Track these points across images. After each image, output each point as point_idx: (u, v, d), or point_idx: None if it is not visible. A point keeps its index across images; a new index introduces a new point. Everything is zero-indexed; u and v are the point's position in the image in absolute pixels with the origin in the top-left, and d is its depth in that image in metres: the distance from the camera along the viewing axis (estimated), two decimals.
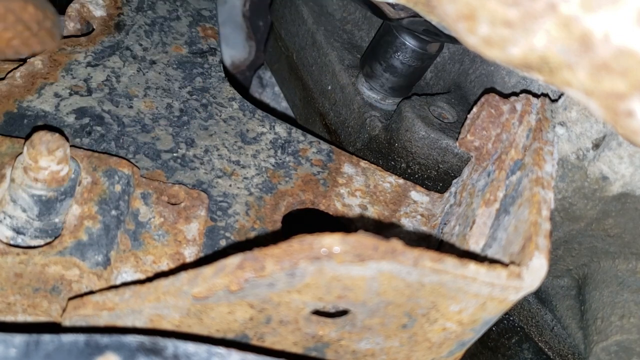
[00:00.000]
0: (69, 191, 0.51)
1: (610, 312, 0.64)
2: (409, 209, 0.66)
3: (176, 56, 0.74)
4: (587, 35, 0.36)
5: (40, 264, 0.49)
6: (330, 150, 0.69)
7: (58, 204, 0.50)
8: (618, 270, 0.65)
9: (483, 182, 0.58)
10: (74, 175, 0.52)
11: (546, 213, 0.47)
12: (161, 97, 0.69)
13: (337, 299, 0.43)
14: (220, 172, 0.64)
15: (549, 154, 0.53)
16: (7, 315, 0.51)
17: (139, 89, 0.69)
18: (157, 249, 0.55)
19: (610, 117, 0.39)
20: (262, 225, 0.61)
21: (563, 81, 0.39)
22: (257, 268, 0.40)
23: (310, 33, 0.85)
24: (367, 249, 0.39)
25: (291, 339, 0.48)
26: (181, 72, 0.72)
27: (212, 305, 0.44)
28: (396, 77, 0.77)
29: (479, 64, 0.75)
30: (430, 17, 0.52)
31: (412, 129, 0.71)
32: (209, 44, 0.76)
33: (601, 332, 0.64)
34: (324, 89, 0.84)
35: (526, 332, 0.73)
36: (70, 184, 0.51)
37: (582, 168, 0.60)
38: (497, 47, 0.39)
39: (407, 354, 0.50)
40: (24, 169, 0.49)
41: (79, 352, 0.40)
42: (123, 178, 0.55)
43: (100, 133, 0.63)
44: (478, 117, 0.60)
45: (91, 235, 0.51)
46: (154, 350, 0.41)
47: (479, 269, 0.42)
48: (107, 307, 0.46)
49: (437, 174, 0.72)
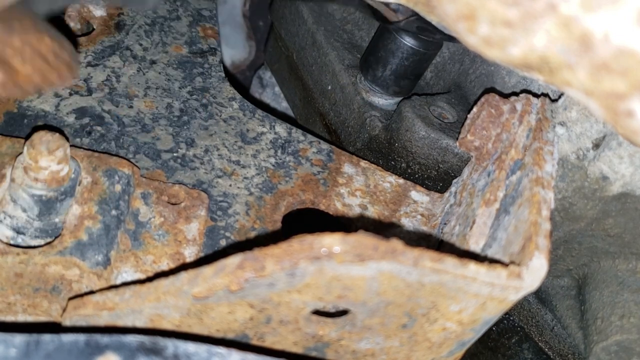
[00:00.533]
0: (69, 191, 0.51)
1: (610, 312, 0.64)
2: (409, 209, 0.66)
3: (176, 56, 0.74)
4: (587, 35, 0.36)
5: (40, 264, 0.49)
6: (331, 150, 0.69)
7: (58, 204, 0.50)
8: (618, 270, 0.65)
9: (483, 182, 0.58)
10: (74, 175, 0.52)
11: (546, 213, 0.47)
12: (161, 97, 0.69)
13: (337, 298, 0.43)
14: (221, 172, 0.64)
15: (549, 154, 0.53)
16: (7, 315, 0.51)
17: (139, 89, 0.69)
18: (157, 249, 0.55)
19: (610, 117, 0.39)
20: (262, 225, 0.61)
21: (563, 81, 0.39)
22: (257, 268, 0.40)
23: (310, 33, 0.85)
24: (367, 249, 0.39)
25: (291, 338, 0.48)
26: (181, 72, 0.72)
27: (212, 305, 0.44)
28: (396, 76, 0.77)
29: (479, 64, 0.75)
30: (430, 17, 0.52)
31: (412, 129, 0.71)
32: (209, 44, 0.76)
33: (601, 332, 0.64)
34: (324, 89, 0.84)
35: (526, 332, 0.73)
36: (71, 183, 0.51)
37: (582, 168, 0.60)
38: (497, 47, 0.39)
39: (407, 353, 0.50)
40: (24, 168, 0.49)
41: (79, 352, 0.40)
42: (123, 178, 0.55)
43: (101, 133, 0.63)
44: (478, 117, 0.60)
45: (91, 235, 0.51)
46: (154, 350, 0.41)
47: (479, 269, 0.42)
48: (107, 307, 0.46)
49: (437, 173, 0.72)
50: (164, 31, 0.76)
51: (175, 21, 0.77)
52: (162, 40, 0.75)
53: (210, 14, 0.80)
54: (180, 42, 0.75)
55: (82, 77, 0.67)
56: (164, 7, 0.78)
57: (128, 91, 0.68)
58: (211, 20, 0.80)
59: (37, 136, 0.49)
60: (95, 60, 0.69)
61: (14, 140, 0.55)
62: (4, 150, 0.54)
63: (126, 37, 0.73)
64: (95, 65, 0.69)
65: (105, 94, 0.67)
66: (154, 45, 0.74)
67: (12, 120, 0.61)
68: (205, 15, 0.80)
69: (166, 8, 0.78)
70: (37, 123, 0.62)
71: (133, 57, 0.71)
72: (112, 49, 0.71)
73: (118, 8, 0.76)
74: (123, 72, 0.69)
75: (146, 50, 0.73)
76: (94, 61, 0.69)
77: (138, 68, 0.70)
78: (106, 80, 0.68)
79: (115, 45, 0.72)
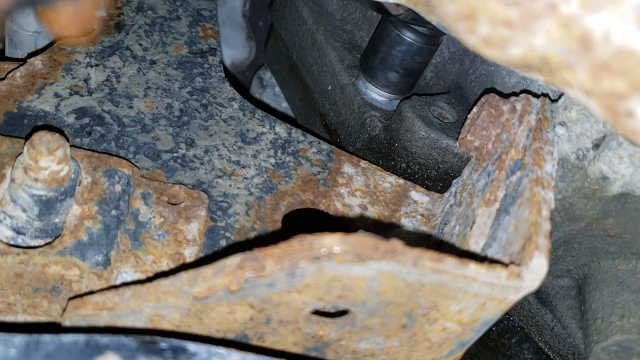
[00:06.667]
0: (69, 191, 0.51)
1: (610, 312, 0.64)
2: (409, 209, 0.66)
3: (176, 56, 0.74)
4: (587, 35, 0.36)
5: (40, 264, 0.49)
6: (331, 150, 0.69)
7: (58, 204, 0.50)
8: (618, 270, 0.65)
9: (483, 182, 0.58)
10: (74, 175, 0.52)
11: (546, 213, 0.47)
12: (161, 97, 0.69)
13: (337, 299, 0.43)
14: (221, 172, 0.64)
15: (549, 154, 0.53)
16: (7, 315, 0.51)
17: (139, 89, 0.69)
18: (157, 249, 0.55)
19: (610, 117, 0.39)
20: (262, 225, 0.61)
21: (563, 81, 0.39)
22: (257, 268, 0.40)
23: (310, 33, 0.85)
24: (367, 249, 0.39)
25: (291, 339, 0.48)
26: (181, 72, 0.72)
27: (212, 305, 0.44)
28: (396, 74, 0.77)
29: (479, 64, 0.75)
30: (430, 17, 0.52)
31: (412, 129, 0.71)
32: (209, 44, 0.76)
33: (601, 332, 0.64)
34: (324, 89, 0.84)
35: (526, 332, 0.73)
36: (71, 184, 0.51)
37: (582, 168, 0.60)
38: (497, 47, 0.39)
39: (407, 354, 0.50)
40: (24, 169, 0.49)
41: (79, 352, 0.40)
42: (123, 178, 0.55)
43: (101, 133, 0.63)
44: (478, 117, 0.60)
45: (91, 235, 0.51)
46: (154, 351, 0.41)
47: (479, 269, 0.42)
48: (107, 307, 0.46)
49: (437, 174, 0.72)
50: (164, 31, 0.76)
51: (175, 21, 0.77)
52: (162, 41, 0.75)
53: (210, 14, 0.80)
54: (180, 42, 0.75)
55: (82, 77, 0.67)
56: (164, 7, 0.78)
57: (128, 91, 0.68)
58: (211, 20, 0.80)
59: (37, 136, 0.49)
60: (95, 61, 0.69)
61: (14, 140, 0.55)
62: (4, 150, 0.54)
63: (126, 37, 0.73)
64: (95, 65, 0.69)
65: (105, 94, 0.67)
66: (154, 46, 0.74)
67: (12, 120, 0.61)
68: (205, 15, 0.80)
69: (166, 8, 0.78)
70: (37, 123, 0.62)
71: (133, 57, 0.71)
72: (112, 49, 0.71)
73: (118, 8, 0.76)
74: (123, 73, 0.69)
75: (146, 50, 0.73)
76: (94, 61, 0.69)
77: (138, 68, 0.70)
78: (106, 80, 0.68)
79: (115, 45, 0.72)
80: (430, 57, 0.77)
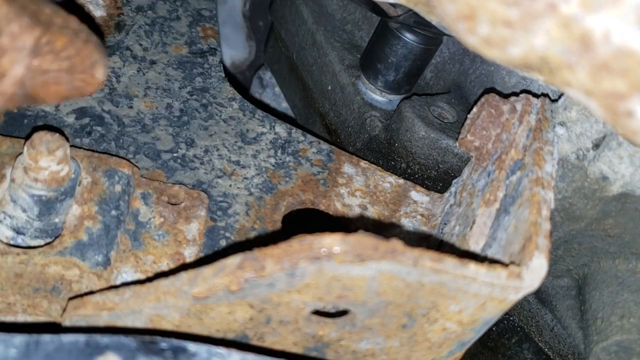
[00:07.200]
0: (69, 191, 0.51)
1: (610, 312, 0.64)
2: (409, 209, 0.66)
3: (176, 56, 0.74)
4: (587, 35, 0.36)
5: (40, 264, 0.49)
6: (330, 150, 0.69)
7: (58, 204, 0.50)
8: (618, 270, 0.65)
9: (483, 182, 0.58)
10: (74, 176, 0.52)
11: (546, 213, 0.47)
12: (161, 97, 0.69)
13: (337, 299, 0.43)
14: (220, 172, 0.64)
15: (549, 154, 0.53)
16: (7, 315, 0.51)
17: (139, 89, 0.69)
18: (157, 249, 0.55)
19: (610, 117, 0.39)
20: (262, 225, 0.61)
21: (563, 81, 0.39)
22: (257, 268, 0.40)
23: (310, 33, 0.85)
24: (367, 249, 0.39)
25: (291, 339, 0.48)
26: (181, 72, 0.72)
27: (212, 305, 0.44)
28: (396, 74, 0.77)
29: (479, 64, 0.75)
30: (430, 17, 0.52)
31: (412, 129, 0.71)
32: (209, 44, 0.76)
33: (601, 332, 0.64)
34: (324, 89, 0.84)
35: (526, 332, 0.73)
36: (70, 184, 0.51)
37: (582, 168, 0.60)
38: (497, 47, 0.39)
39: (407, 354, 0.50)
40: (24, 169, 0.49)
41: (79, 352, 0.40)
42: (123, 178, 0.55)
43: (100, 133, 0.63)
44: (478, 117, 0.60)
45: (91, 235, 0.51)
46: (154, 351, 0.41)
47: (479, 269, 0.42)
48: (107, 307, 0.46)
49: (437, 174, 0.72)
50: (164, 31, 0.76)
51: (175, 21, 0.77)
52: (162, 41, 0.75)
53: (210, 14, 0.80)
54: (180, 42, 0.75)
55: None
56: (164, 7, 0.78)
57: (128, 91, 0.68)
58: (211, 20, 0.80)
59: (37, 136, 0.49)
60: None
61: (14, 140, 0.55)
62: (4, 150, 0.54)
63: (126, 37, 0.73)
64: None
65: (105, 94, 0.67)
66: (154, 46, 0.74)
67: (12, 120, 0.61)
68: (205, 15, 0.80)
69: (166, 8, 0.78)
70: (37, 123, 0.62)
71: (133, 57, 0.71)
72: (112, 49, 0.71)
73: (118, 8, 0.76)
74: (123, 72, 0.69)
75: (146, 50, 0.73)
76: None
77: (138, 68, 0.70)
78: (106, 80, 0.68)
79: (115, 45, 0.72)
80: (430, 57, 0.77)
